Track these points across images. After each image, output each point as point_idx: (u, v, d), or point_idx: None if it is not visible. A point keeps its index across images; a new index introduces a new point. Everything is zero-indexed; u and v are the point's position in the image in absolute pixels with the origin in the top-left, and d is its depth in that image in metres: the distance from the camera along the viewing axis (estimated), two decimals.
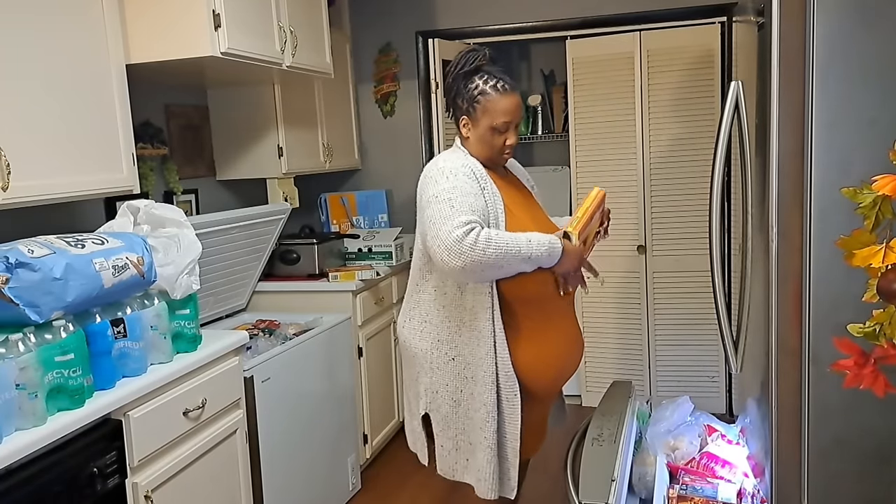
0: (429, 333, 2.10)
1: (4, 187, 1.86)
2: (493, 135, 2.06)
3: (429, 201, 1.96)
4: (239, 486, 2.41)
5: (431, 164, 2.09)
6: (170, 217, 2.28)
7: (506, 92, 2.04)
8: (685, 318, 3.95)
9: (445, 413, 2.10)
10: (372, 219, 4.17)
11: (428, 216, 1.95)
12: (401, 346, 2.23)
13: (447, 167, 2.01)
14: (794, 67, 1.80)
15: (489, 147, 2.08)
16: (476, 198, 1.96)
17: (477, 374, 2.04)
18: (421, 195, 2.03)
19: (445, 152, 2.16)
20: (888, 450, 1.84)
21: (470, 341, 2.04)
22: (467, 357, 2.05)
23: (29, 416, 1.68)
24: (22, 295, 1.70)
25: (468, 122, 2.09)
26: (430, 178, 2.01)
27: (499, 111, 2.03)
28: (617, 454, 2.00)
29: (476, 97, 2.04)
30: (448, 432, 2.12)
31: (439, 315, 2.08)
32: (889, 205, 1.10)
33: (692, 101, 3.80)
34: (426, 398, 2.13)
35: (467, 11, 4.03)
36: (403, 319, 2.20)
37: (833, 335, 1.19)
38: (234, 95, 3.37)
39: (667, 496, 2.17)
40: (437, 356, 2.09)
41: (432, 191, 1.96)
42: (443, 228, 1.88)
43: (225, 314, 3.23)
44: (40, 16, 2.03)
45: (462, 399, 2.08)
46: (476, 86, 2.05)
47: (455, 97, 2.10)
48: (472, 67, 2.06)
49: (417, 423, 2.20)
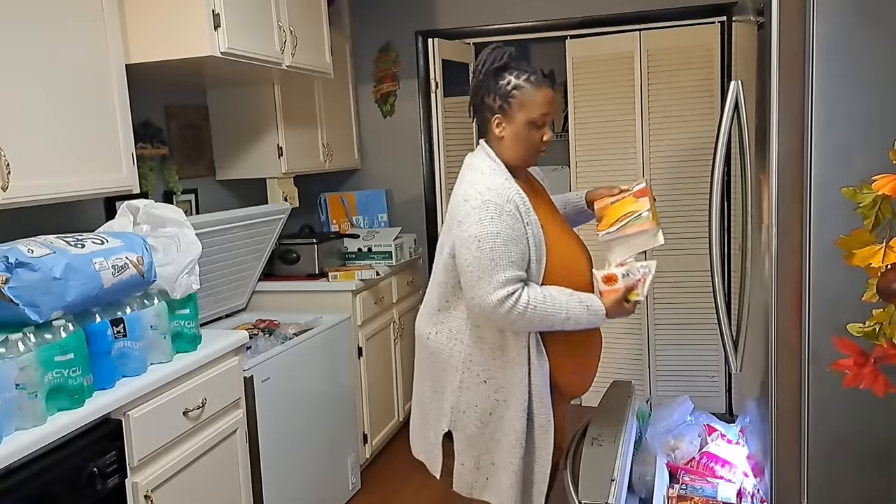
0: (459, 352, 2.01)
1: (4, 187, 1.86)
2: (531, 130, 1.97)
3: (469, 239, 1.87)
4: (239, 485, 2.41)
5: (472, 185, 1.94)
6: (170, 217, 2.27)
7: (540, 84, 1.97)
8: (685, 317, 3.95)
9: (471, 433, 2.02)
10: (372, 219, 4.17)
11: (466, 259, 1.87)
12: (423, 349, 2.12)
13: (492, 201, 1.87)
14: (793, 67, 1.80)
15: (526, 144, 1.99)
16: (518, 243, 1.88)
17: (510, 399, 1.97)
18: (460, 220, 1.91)
19: (479, 165, 2.00)
20: (888, 449, 1.84)
21: (504, 366, 1.97)
22: (500, 381, 1.97)
23: (29, 416, 1.68)
24: (22, 295, 1.70)
25: (502, 120, 1.98)
26: (473, 210, 1.88)
27: (536, 104, 1.95)
28: (617, 454, 2.00)
29: (510, 92, 1.95)
30: (471, 451, 2.04)
31: (471, 336, 1.99)
32: (889, 204, 1.10)
33: (692, 101, 3.80)
34: (451, 416, 2.03)
35: (467, 11, 4.03)
36: (429, 329, 2.08)
37: (833, 335, 1.19)
38: (234, 95, 3.37)
39: (667, 496, 2.17)
40: (467, 376, 2.00)
41: (475, 231, 1.86)
42: (480, 285, 1.84)
43: (225, 314, 3.23)
44: (40, 16, 2.03)
45: (490, 421, 2.00)
46: (508, 81, 1.96)
47: (484, 96, 2.00)
48: (502, 64, 1.97)
49: (434, 436, 2.10)
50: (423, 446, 2.18)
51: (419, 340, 2.13)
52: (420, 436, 2.19)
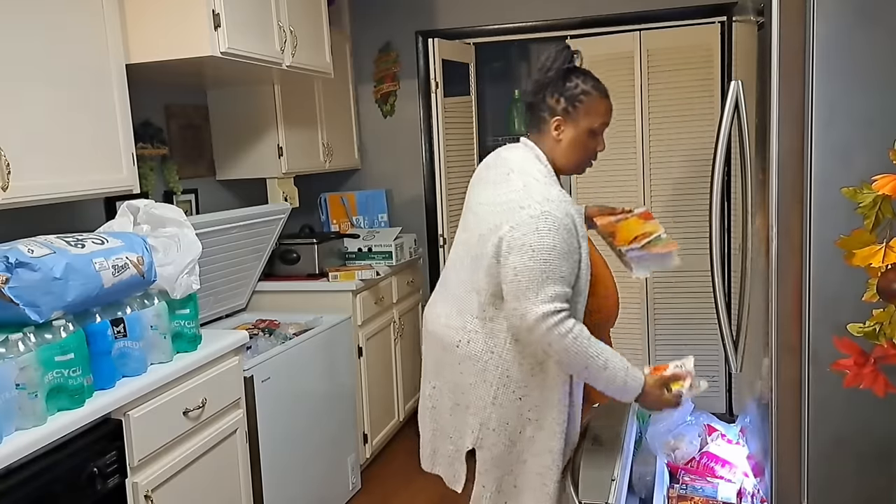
0: (496, 366, 1.88)
1: (4, 187, 1.86)
2: (590, 138, 1.92)
3: (522, 248, 1.76)
4: (239, 485, 2.41)
5: (527, 191, 1.83)
6: (170, 217, 2.28)
7: (605, 93, 1.93)
8: (685, 317, 3.95)
9: (497, 453, 1.90)
10: (372, 218, 4.17)
11: (515, 266, 1.77)
12: (447, 357, 1.96)
13: (552, 213, 1.77)
14: (793, 67, 1.80)
15: (582, 152, 1.94)
16: (569, 259, 1.79)
17: (543, 419, 1.87)
18: (512, 226, 1.79)
19: (531, 169, 1.89)
20: (888, 449, 1.84)
21: (542, 384, 1.87)
22: (536, 399, 1.87)
23: (29, 416, 1.68)
24: (22, 295, 1.70)
25: (562, 122, 1.90)
26: (531, 218, 1.77)
27: (600, 112, 1.92)
28: (617, 454, 2.00)
29: (577, 96, 1.89)
30: (494, 472, 1.91)
31: (511, 351, 1.87)
32: (889, 204, 1.10)
33: (692, 101, 3.80)
34: (479, 434, 1.90)
35: (467, 11, 4.03)
36: (460, 336, 1.92)
37: (833, 335, 1.19)
38: (234, 95, 3.37)
39: (667, 496, 2.17)
40: (502, 392, 1.87)
41: (531, 240, 1.76)
42: (527, 296, 1.75)
43: (225, 314, 3.23)
44: (40, 16, 2.03)
45: (520, 440, 1.89)
46: (576, 84, 1.90)
47: (547, 96, 1.91)
48: (571, 66, 1.92)
49: (455, 449, 1.97)
50: (441, 459, 2.03)
51: (444, 348, 1.97)
52: (435, 448, 2.05)
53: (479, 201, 1.95)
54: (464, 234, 2.00)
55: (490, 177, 1.97)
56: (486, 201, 1.92)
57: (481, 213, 1.92)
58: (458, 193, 4.22)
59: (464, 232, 2.00)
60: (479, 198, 1.97)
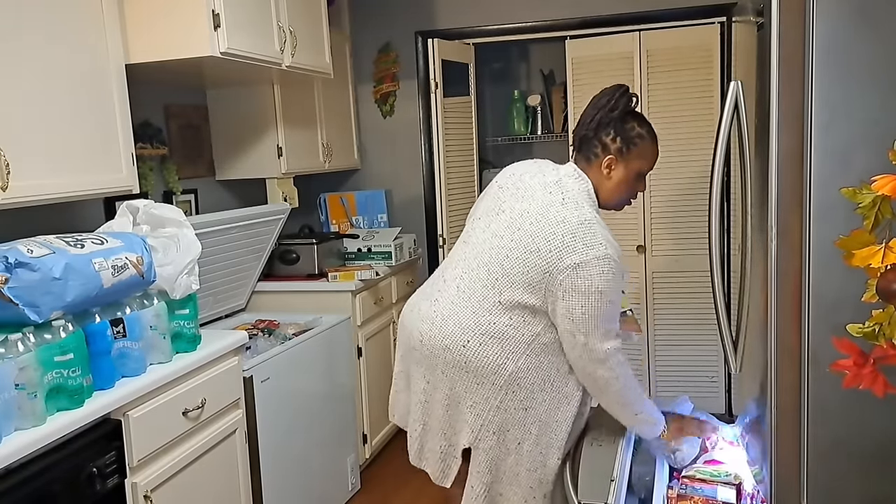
0: (507, 372, 1.90)
1: (4, 187, 1.86)
2: (636, 180, 2.01)
3: (592, 292, 1.83)
4: (238, 486, 2.41)
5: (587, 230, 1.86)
6: (169, 217, 2.28)
7: (656, 139, 2.04)
8: (685, 318, 3.95)
9: (492, 457, 1.93)
10: (371, 219, 4.17)
11: (584, 307, 1.84)
12: (446, 354, 1.94)
13: (613, 258, 1.86)
14: (793, 67, 1.80)
15: (627, 192, 2.02)
16: (618, 294, 1.92)
17: (543, 435, 1.93)
18: (577, 263, 1.83)
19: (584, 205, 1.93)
20: (888, 450, 1.83)
21: (551, 401, 1.93)
22: (542, 415, 1.92)
23: (28, 416, 1.68)
24: (21, 295, 1.70)
25: (614, 161, 1.97)
26: (596, 260, 1.83)
27: (651, 158, 2.02)
28: (617, 454, 2.00)
29: (633, 139, 1.97)
30: (484, 477, 1.94)
31: (528, 360, 1.90)
32: (888, 205, 1.10)
33: (692, 101, 3.80)
34: (478, 434, 1.92)
35: (467, 11, 4.03)
36: (468, 337, 1.91)
37: (832, 335, 1.19)
38: (234, 95, 3.37)
39: (666, 496, 2.17)
40: (510, 399, 1.90)
41: (598, 284, 1.83)
42: (596, 334, 1.86)
43: (224, 314, 3.23)
44: (40, 16, 2.03)
45: (515, 451, 1.92)
46: (632, 127, 1.98)
47: (604, 134, 1.97)
48: (632, 108, 2.00)
49: (447, 444, 1.98)
50: (429, 455, 2.04)
51: (446, 347, 1.94)
52: (424, 443, 2.05)
53: (522, 211, 1.93)
54: (487, 235, 1.97)
55: (536, 190, 1.96)
56: (534, 217, 1.91)
57: (525, 226, 1.90)
58: (458, 194, 4.22)
59: (489, 233, 1.97)
60: (520, 205, 1.95)
